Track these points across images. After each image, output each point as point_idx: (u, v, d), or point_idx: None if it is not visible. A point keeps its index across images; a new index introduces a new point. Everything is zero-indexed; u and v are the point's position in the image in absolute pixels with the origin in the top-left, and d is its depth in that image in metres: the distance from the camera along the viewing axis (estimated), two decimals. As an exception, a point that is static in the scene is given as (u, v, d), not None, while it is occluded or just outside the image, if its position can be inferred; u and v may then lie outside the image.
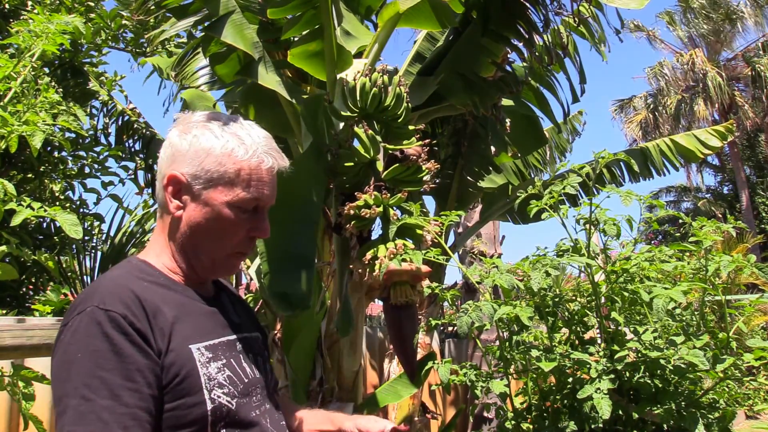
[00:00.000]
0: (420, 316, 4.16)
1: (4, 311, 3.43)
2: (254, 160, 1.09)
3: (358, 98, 2.32)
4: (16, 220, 1.86)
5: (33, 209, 1.93)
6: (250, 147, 1.10)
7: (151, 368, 0.96)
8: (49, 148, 4.15)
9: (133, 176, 4.77)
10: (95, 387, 0.91)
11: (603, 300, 1.93)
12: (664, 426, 1.74)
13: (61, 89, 3.42)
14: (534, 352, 1.80)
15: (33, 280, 4.32)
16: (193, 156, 1.08)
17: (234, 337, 1.15)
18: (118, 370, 0.92)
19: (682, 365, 1.69)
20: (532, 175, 4.57)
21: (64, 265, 4.60)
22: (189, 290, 1.11)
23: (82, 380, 0.91)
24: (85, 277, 4.77)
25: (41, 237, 4.32)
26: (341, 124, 2.49)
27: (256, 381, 1.14)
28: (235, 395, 1.06)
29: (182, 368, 0.99)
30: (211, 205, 1.08)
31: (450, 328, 5.42)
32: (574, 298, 2.06)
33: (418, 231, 2.22)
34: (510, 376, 1.96)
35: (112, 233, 4.92)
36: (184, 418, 0.99)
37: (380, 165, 2.31)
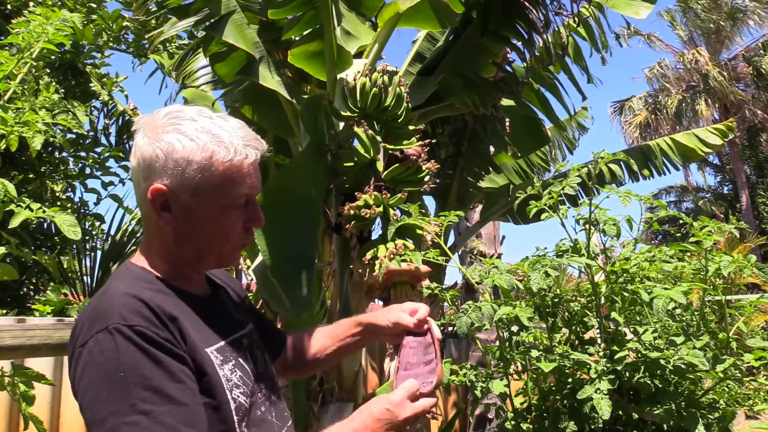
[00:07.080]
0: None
1: (4, 311, 3.43)
2: (237, 158, 1.05)
3: (358, 98, 2.32)
4: (14, 222, 1.85)
5: (32, 210, 1.92)
6: (230, 145, 1.04)
7: (189, 368, 0.97)
8: (50, 149, 4.16)
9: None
10: (150, 398, 0.90)
11: (603, 300, 1.93)
12: (664, 426, 1.74)
13: (62, 89, 3.42)
14: (534, 353, 1.80)
15: (33, 280, 4.32)
16: (172, 167, 1.02)
17: (238, 335, 1.16)
18: (165, 377, 0.93)
19: (682, 365, 1.68)
20: (537, 175, 4.55)
21: (64, 265, 4.60)
22: (187, 295, 1.10)
23: (136, 395, 0.90)
24: (85, 277, 4.77)
25: (41, 237, 4.33)
26: (341, 124, 2.49)
27: (259, 376, 1.15)
28: (248, 394, 1.07)
29: (206, 369, 1.01)
30: (205, 211, 1.05)
31: (450, 328, 5.42)
32: (574, 298, 2.06)
33: (418, 231, 2.21)
34: (510, 377, 1.96)
35: (112, 233, 4.93)
36: (212, 417, 0.99)
37: (380, 165, 2.31)
